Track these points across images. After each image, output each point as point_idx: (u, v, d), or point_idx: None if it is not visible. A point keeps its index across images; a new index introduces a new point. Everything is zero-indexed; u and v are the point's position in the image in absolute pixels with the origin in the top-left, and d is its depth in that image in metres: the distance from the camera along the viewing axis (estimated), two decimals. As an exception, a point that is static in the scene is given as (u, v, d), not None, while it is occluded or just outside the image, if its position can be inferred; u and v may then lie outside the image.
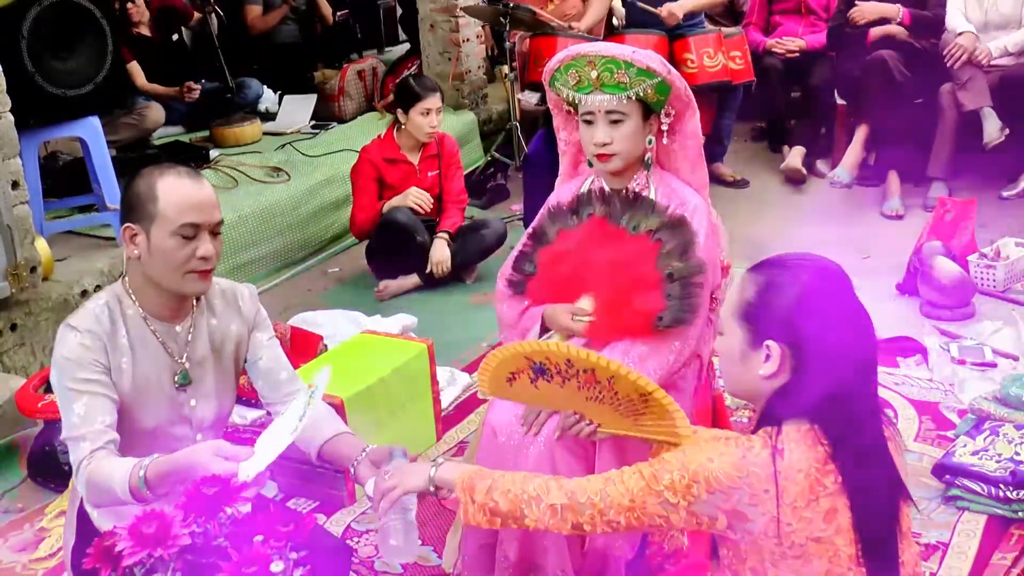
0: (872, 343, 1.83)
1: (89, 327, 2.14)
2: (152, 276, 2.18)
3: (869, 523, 1.77)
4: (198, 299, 2.30)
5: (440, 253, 4.89)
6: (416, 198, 4.92)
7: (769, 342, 1.78)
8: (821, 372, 1.76)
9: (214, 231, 2.18)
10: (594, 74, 2.58)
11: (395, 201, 4.93)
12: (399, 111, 4.94)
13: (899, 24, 5.70)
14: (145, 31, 6.36)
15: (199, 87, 6.21)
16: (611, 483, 1.86)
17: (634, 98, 2.58)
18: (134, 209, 2.15)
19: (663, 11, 5.71)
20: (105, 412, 2.11)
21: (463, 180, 5.17)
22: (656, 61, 2.57)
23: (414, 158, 5.01)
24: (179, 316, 2.27)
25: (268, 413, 3.33)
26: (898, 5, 5.73)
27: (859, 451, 1.77)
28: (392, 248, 4.93)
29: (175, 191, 2.12)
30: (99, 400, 2.11)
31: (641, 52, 2.59)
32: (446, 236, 4.93)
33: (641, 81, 2.55)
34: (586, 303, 2.64)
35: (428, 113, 4.89)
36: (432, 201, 4.96)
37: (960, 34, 5.42)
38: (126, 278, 2.24)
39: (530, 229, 2.81)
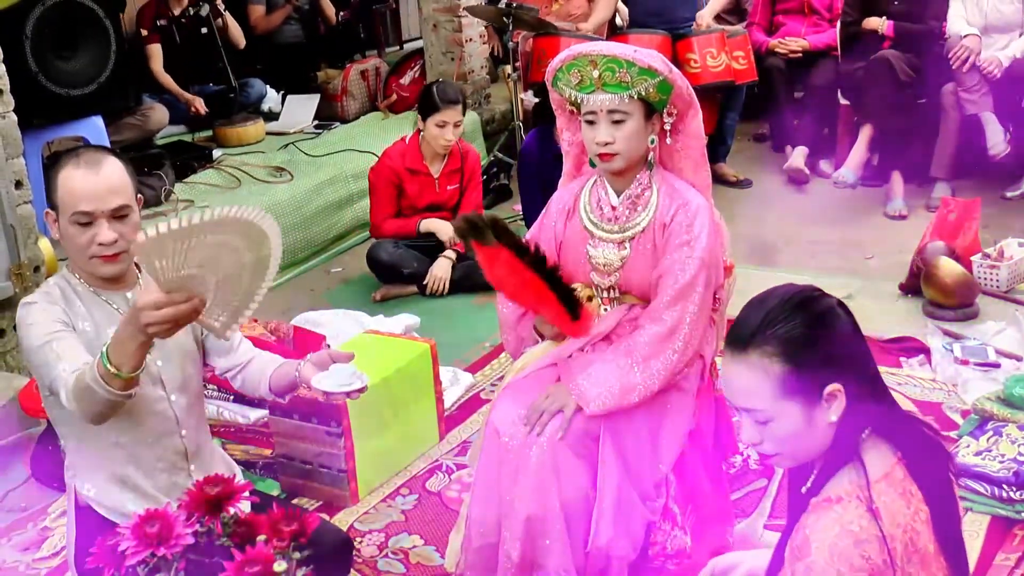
0: (864, 339, 1.79)
1: (45, 299, 2.24)
2: (70, 256, 2.30)
3: (952, 540, 1.73)
4: (140, 267, 2.36)
5: (440, 271, 4.82)
6: (440, 273, 4.82)
7: (830, 388, 1.68)
8: (861, 381, 1.71)
9: (116, 215, 2.22)
10: (596, 73, 2.58)
11: (434, 228, 4.83)
12: (420, 117, 4.87)
13: (883, 34, 5.72)
14: (179, 14, 6.35)
15: (206, 110, 6.19)
16: None
17: (636, 97, 2.58)
18: (49, 196, 2.26)
19: (701, 23, 5.90)
20: (78, 349, 2.18)
21: (481, 195, 5.11)
22: (658, 60, 2.57)
23: (435, 169, 4.91)
24: (124, 284, 2.34)
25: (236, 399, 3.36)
26: (883, 18, 5.74)
27: (932, 462, 1.72)
28: (385, 278, 4.93)
29: (68, 181, 2.21)
30: (68, 341, 2.19)
31: (643, 51, 2.59)
32: (452, 257, 4.86)
33: (643, 80, 2.55)
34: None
35: (444, 126, 4.77)
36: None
37: (965, 36, 5.41)
38: (69, 261, 2.34)
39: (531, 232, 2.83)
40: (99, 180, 2.21)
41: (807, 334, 1.69)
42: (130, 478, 2.32)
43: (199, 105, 6.16)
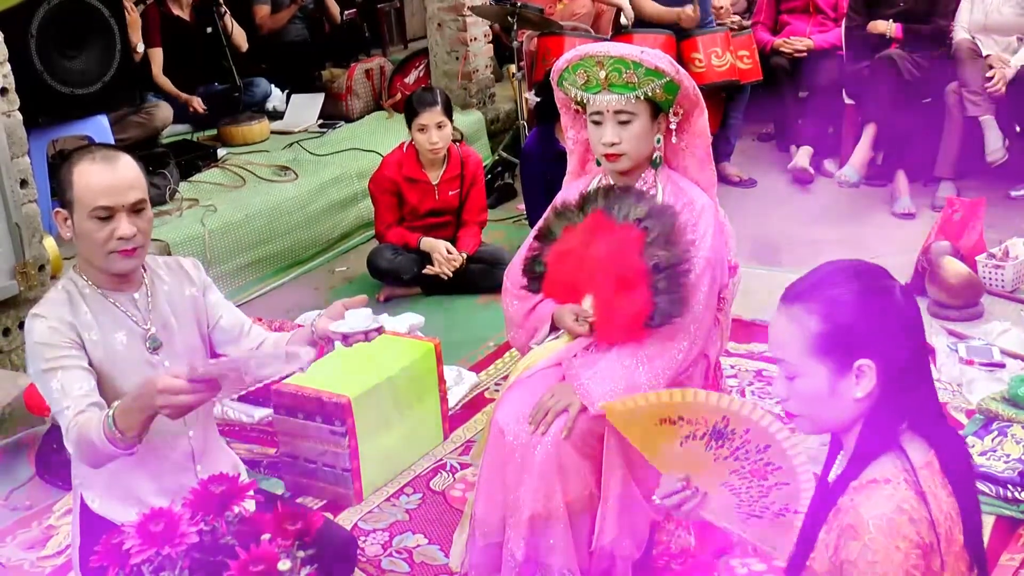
0: (923, 335, 1.77)
1: (53, 312, 2.24)
2: (83, 255, 2.30)
3: (975, 535, 1.73)
4: (145, 268, 2.38)
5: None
6: (440, 264, 4.77)
7: (860, 362, 1.69)
8: (905, 373, 1.70)
9: (134, 209, 2.24)
10: (603, 74, 2.57)
11: (431, 249, 4.79)
12: (407, 126, 4.83)
13: (891, 38, 5.72)
14: (183, 14, 6.34)
15: (205, 109, 6.19)
16: None
17: (643, 98, 2.58)
18: (60, 194, 2.27)
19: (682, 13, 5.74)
20: (81, 380, 2.20)
21: (485, 198, 5.06)
22: (665, 61, 2.57)
23: (434, 176, 4.85)
24: (132, 285, 2.35)
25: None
26: (890, 21, 5.73)
27: (961, 465, 1.72)
28: (384, 283, 4.93)
29: (85, 176, 2.21)
30: (72, 372, 2.20)
31: (650, 52, 2.59)
32: (462, 259, 4.83)
33: (650, 81, 2.55)
34: (589, 303, 2.65)
35: (424, 129, 4.70)
36: (456, 262, 4.79)
37: (988, 56, 5.40)
38: (77, 262, 2.34)
39: (536, 229, 2.82)
40: (117, 175, 2.23)
41: (853, 302, 1.70)
42: (136, 488, 2.31)
43: (197, 104, 6.15)
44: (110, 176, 2.22)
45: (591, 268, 2.64)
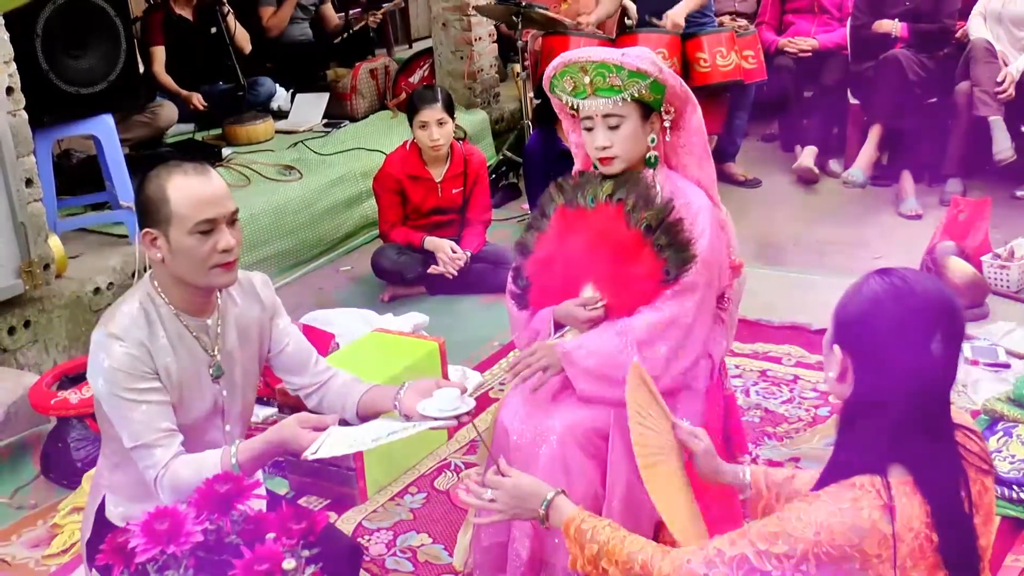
0: (945, 387, 1.77)
1: (131, 335, 2.15)
2: (179, 275, 2.19)
3: (962, 564, 1.72)
4: (221, 290, 2.31)
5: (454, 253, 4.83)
6: (445, 264, 4.77)
7: (835, 346, 1.75)
8: (879, 397, 1.70)
9: (231, 221, 2.19)
10: (587, 79, 2.58)
11: (435, 248, 4.80)
12: (409, 124, 4.85)
13: (897, 38, 5.72)
14: (186, 13, 6.35)
15: (205, 106, 6.19)
16: (715, 566, 1.73)
17: (629, 100, 2.58)
18: (149, 214, 2.16)
19: (667, 22, 5.67)
20: (165, 416, 2.16)
21: (488, 197, 5.07)
22: (647, 61, 2.56)
23: (437, 174, 4.86)
24: (208, 310, 2.28)
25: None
26: (895, 20, 5.73)
27: (946, 500, 1.71)
28: (388, 282, 4.94)
29: (185, 190, 2.13)
30: (157, 406, 2.15)
31: (631, 53, 2.59)
32: (466, 257, 4.84)
33: (634, 82, 2.55)
34: (590, 292, 2.66)
35: (425, 126, 4.72)
36: (461, 260, 4.80)
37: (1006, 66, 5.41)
38: (154, 280, 2.24)
39: (515, 243, 2.83)
40: (214, 186, 2.16)
41: (863, 300, 1.73)
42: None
43: (197, 101, 6.15)
44: (210, 188, 2.15)
45: (580, 259, 2.64)
